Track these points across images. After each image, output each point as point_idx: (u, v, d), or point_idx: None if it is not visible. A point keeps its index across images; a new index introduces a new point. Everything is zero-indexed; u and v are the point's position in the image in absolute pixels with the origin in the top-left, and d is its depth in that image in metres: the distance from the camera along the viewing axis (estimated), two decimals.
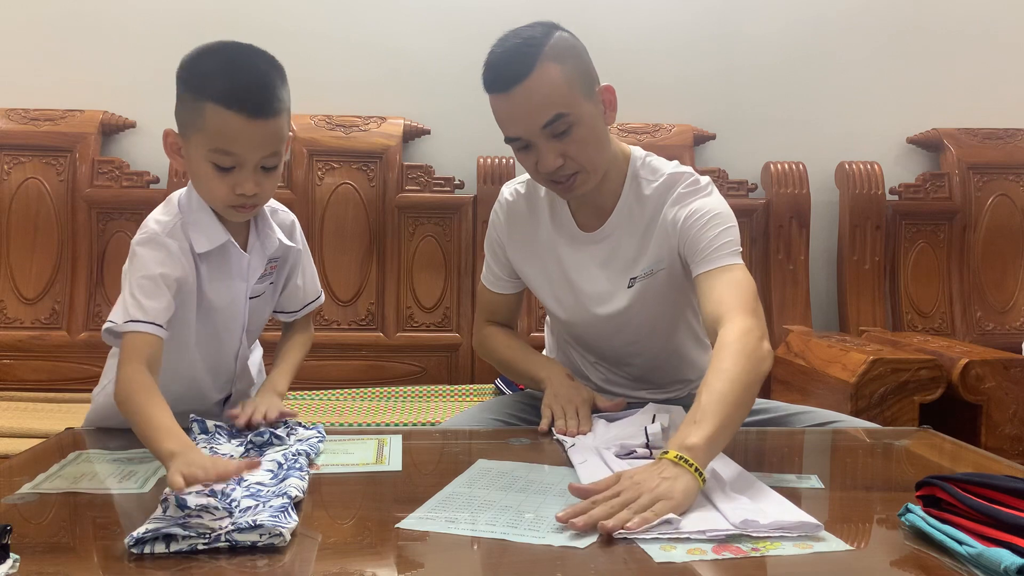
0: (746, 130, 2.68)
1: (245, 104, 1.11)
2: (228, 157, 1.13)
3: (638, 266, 1.40)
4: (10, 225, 2.43)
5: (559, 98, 1.26)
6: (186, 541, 0.81)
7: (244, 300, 1.26)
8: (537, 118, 1.26)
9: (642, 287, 1.40)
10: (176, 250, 1.17)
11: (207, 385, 1.30)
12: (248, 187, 1.14)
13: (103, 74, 2.59)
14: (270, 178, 1.17)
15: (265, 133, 1.13)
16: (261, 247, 1.25)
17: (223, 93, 1.11)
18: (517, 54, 1.27)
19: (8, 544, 0.77)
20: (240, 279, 1.24)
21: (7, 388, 2.33)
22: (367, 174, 2.51)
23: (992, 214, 2.64)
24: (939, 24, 2.74)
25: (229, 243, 1.21)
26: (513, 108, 1.28)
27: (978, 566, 0.77)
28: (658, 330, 1.46)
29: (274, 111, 1.14)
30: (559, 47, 1.28)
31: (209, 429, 1.19)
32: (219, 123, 1.12)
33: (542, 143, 1.28)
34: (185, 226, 1.20)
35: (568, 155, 1.29)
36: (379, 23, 2.63)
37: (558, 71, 1.26)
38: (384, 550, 0.86)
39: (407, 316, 2.48)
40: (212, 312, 1.23)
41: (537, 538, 0.86)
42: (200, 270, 1.20)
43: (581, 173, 1.31)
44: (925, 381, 1.91)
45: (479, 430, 1.40)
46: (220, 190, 1.15)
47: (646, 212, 1.39)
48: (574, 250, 1.44)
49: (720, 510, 0.91)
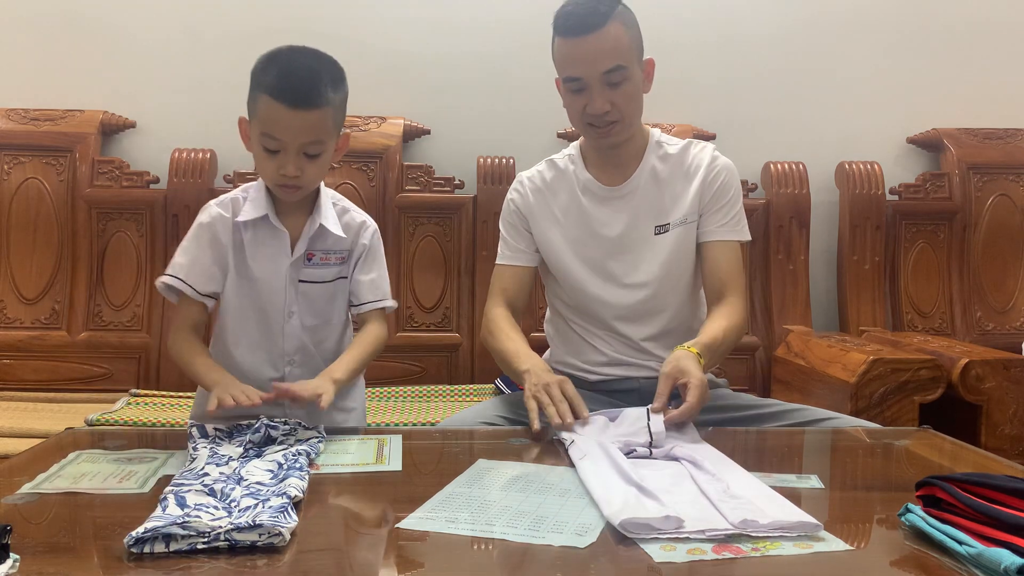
0: (746, 130, 2.68)
1: (287, 95, 1.28)
2: (273, 141, 1.30)
3: (670, 215, 1.57)
4: (10, 225, 2.43)
5: (623, 52, 1.47)
6: (185, 541, 0.81)
7: (285, 276, 1.38)
8: (602, 64, 1.46)
9: (675, 236, 1.56)
10: (216, 213, 1.38)
11: (260, 359, 1.41)
12: (290, 169, 1.31)
13: (103, 74, 2.59)
14: (314, 164, 1.33)
15: (305, 122, 1.29)
16: (311, 234, 1.38)
17: (271, 86, 1.29)
18: (597, 8, 1.46)
19: (8, 544, 0.77)
20: (282, 255, 1.38)
21: (7, 388, 2.33)
22: (367, 174, 2.51)
23: (992, 214, 2.64)
24: (939, 24, 2.74)
25: (269, 217, 1.36)
26: (583, 51, 1.47)
27: (978, 566, 0.77)
28: (680, 284, 1.59)
29: (314, 104, 1.29)
30: (626, 14, 1.50)
31: (209, 433, 1.19)
32: (267, 111, 1.29)
33: (597, 87, 1.48)
34: (243, 200, 1.39)
35: (615, 103, 1.49)
36: (379, 23, 2.63)
37: (624, 31, 1.48)
38: (384, 550, 0.86)
39: (407, 316, 2.48)
40: (254, 281, 1.38)
41: (537, 538, 0.86)
42: (244, 237, 1.37)
43: (620, 123, 1.51)
44: (925, 381, 1.91)
45: (479, 430, 1.40)
46: (268, 170, 1.33)
47: (670, 167, 1.59)
48: (598, 204, 1.59)
49: (720, 510, 0.91)
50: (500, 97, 2.64)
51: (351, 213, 1.45)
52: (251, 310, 1.40)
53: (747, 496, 0.95)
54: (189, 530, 0.81)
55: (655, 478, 1.03)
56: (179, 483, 0.96)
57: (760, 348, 2.51)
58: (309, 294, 1.41)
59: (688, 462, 1.10)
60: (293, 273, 1.39)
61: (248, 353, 1.41)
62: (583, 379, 1.59)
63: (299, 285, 1.39)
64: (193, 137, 2.54)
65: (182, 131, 2.57)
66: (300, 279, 1.39)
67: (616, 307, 1.58)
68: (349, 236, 1.42)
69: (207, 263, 1.37)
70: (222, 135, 2.55)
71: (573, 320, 1.63)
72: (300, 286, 1.40)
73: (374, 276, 1.45)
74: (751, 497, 0.95)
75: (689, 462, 1.10)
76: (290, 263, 1.38)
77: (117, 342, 2.40)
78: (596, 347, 1.60)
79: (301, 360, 1.42)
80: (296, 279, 1.39)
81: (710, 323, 1.50)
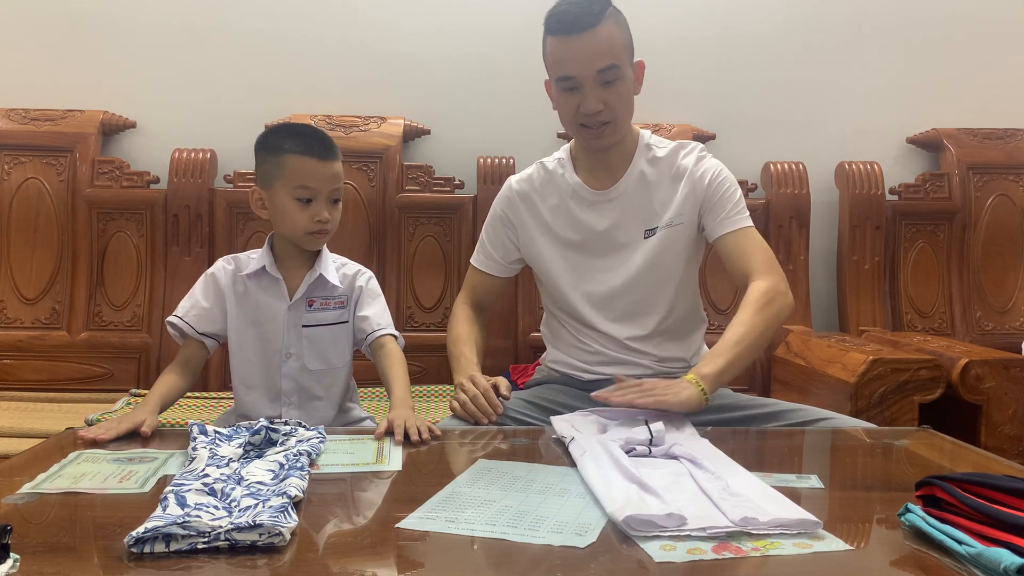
0: (746, 130, 2.68)
1: (316, 149, 1.47)
2: (307, 191, 1.47)
3: (658, 218, 1.58)
4: (10, 225, 2.43)
5: (616, 51, 1.48)
6: (186, 540, 0.81)
7: (282, 320, 1.52)
8: (596, 63, 1.47)
9: (660, 238, 1.57)
10: (221, 267, 1.56)
11: (261, 393, 1.55)
12: (324, 214, 1.49)
13: (103, 74, 2.59)
14: (337, 209, 1.52)
15: (332, 171, 1.49)
16: (311, 281, 1.53)
17: (299, 146, 1.48)
18: (588, 7, 1.46)
19: (8, 544, 0.77)
20: (280, 300, 1.52)
21: (7, 388, 2.33)
22: (367, 174, 2.51)
23: (992, 214, 2.64)
24: (939, 24, 2.74)
25: (269, 268, 1.52)
26: (577, 50, 1.47)
27: (978, 566, 0.77)
28: (668, 285, 1.59)
29: (336, 155, 1.50)
30: (617, 15, 1.51)
31: (209, 433, 1.19)
32: (299, 167, 1.47)
33: (590, 86, 1.48)
34: (248, 259, 1.56)
35: (608, 103, 1.49)
36: (379, 24, 2.63)
37: (616, 31, 1.49)
38: (384, 550, 0.86)
39: (407, 316, 2.48)
40: (256, 325, 1.53)
41: (537, 538, 0.86)
42: (248, 287, 1.54)
43: (612, 124, 1.52)
44: (925, 381, 1.91)
45: (479, 430, 1.40)
46: (302, 220, 1.48)
47: (659, 170, 1.59)
48: (587, 208, 1.60)
49: (720, 508, 0.91)
50: (500, 97, 2.64)
51: (348, 265, 1.61)
52: (252, 352, 1.54)
53: (747, 495, 0.95)
54: (189, 530, 0.81)
55: (655, 476, 1.03)
56: (179, 483, 0.96)
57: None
58: (313, 337, 1.54)
59: (688, 461, 1.11)
60: (294, 318, 1.53)
61: (251, 391, 1.55)
62: (576, 378, 1.61)
63: (303, 330, 1.53)
64: (193, 137, 2.54)
65: (182, 131, 2.57)
66: (304, 324, 1.53)
67: (603, 309, 1.60)
68: (346, 283, 1.57)
69: (207, 306, 1.53)
70: (222, 135, 2.55)
71: (565, 321, 1.65)
72: (304, 331, 1.53)
73: (377, 309, 1.58)
74: (751, 496, 0.95)
75: (689, 461, 1.10)
76: (287, 307, 1.52)
77: (117, 342, 2.40)
78: (587, 347, 1.62)
79: (298, 402, 1.54)
80: (299, 324, 1.53)
81: (728, 332, 1.44)
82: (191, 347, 1.53)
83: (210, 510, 0.87)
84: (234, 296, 1.54)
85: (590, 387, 1.56)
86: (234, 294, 1.54)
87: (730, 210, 1.57)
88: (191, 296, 1.55)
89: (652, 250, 1.57)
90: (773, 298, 1.47)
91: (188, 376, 1.51)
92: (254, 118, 2.48)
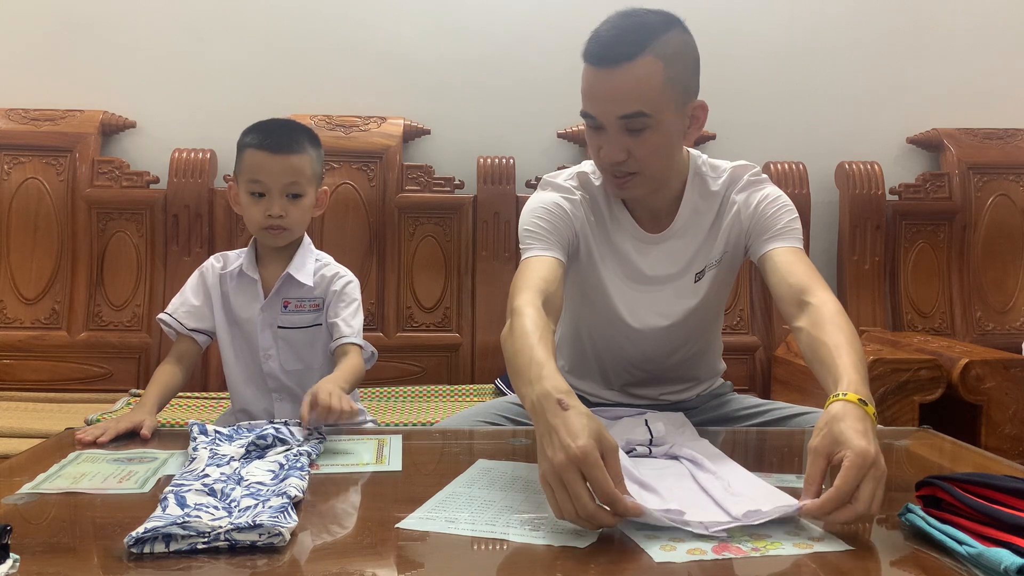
0: (746, 130, 2.68)
1: (269, 143, 1.46)
2: (258, 185, 1.46)
3: (706, 258, 1.38)
4: (10, 225, 2.43)
5: (648, 96, 1.21)
6: (185, 541, 0.81)
7: (258, 318, 1.52)
8: (619, 107, 1.22)
9: (709, 277, 1.38)
10: (209, 264, 1.57)
11: (253, 391, 1.55)
12: (275, 209, 1.46)
13: (103, 74, 2.59)
14: (296, 207, 1.48)
15: (285, 166, 1.46)
16: (286, 283, 1.52)
17: (254, 139, 1.48)
18: (627, 36, 1.21)
19: (8, 544, 0.77)
20: (256, 300, 1.52)
21: (7, 388, 2.33)
22: (367, 174, 2.51)
23: (992, 214, 2.64)
24: (939, 24, 2.74)
25: (246, 268, 1.52)
26: (602, 88, 1.23)
27: (978, 566, 0.77)
28: (707, 320, 1.44)
29: (292, 150, 1.47)
30: (670, 46, 1.24)
31: (209, 433, 1.19)
32: (251, 160, 1.47)
33: (613, 132, 1.24)
34: (235, 257, 1.57)
35: (633, 154, 1.25)
36: (379, 23, 2.63)
37: (659, 70, 1.21)
38: (384, 550, 0.86)
39: (407, 316, 2.48)
40: (239, 324, 1.54)
41: (537, 538, 0.86)
42: (229, 286, 1.54)
43: (639, 175, 1.28)
44: (925, 381, 1.91)
45: (479, 430, 1.40)
46: (256, 215, 1.47)
47: (714, 207, 1.38)
48: (640, 252, 1.38)
49: (722, 506, 0.92)
50: (500, 97, 2.64)
51: (330, 266, 1.56)
52: (239, 349, 1.55)
53: (748, 494, 0.95)
54: (189, 530, 0.81)
55: (656, 476, 1.03)
56: (179, 483, 0.96)
57: (760, 348, 2.51)
58: (289, 339, 1.53)
59: (688, 461, 1.11)
60: (269, 318, 1.52)
61: (244, 385, 1.56)
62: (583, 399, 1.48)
63: (278, 331, 1.52)
64: (193, 137, 2.54)
65: (182, 131, 2.57)
66: (279, 325, 1.52)
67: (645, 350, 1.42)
68: (322, 285, 1.53)
69: (197, 304, 1.53)
70: (222, 135, 2.54)
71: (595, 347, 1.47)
72: (280, 332, 1.53)
73: (346, 316, 1.52)
74: (752, 495, 0.95)
75: (689, 461, 1.10)
76: (260, 307, 1.51)
77: (117, 342, 2.40)
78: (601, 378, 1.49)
79: (289, 397, 1.54)
80: (274, 325, 1.52)
81: (834, 343, 1.12)
82: (184, 343, 1.53)
83: (210, 510, 0.87)
84: (219, 295, 1.54)
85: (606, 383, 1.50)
86: (220, 293, 1.54)
87: (783, 228, 1.34)
88: (182, 293, 1.55)
89: (699, 294, 1.39)
90: (844, 314, 1.20)
91: (183, 370, 1.51)
92: (254, 118, 2.45)
